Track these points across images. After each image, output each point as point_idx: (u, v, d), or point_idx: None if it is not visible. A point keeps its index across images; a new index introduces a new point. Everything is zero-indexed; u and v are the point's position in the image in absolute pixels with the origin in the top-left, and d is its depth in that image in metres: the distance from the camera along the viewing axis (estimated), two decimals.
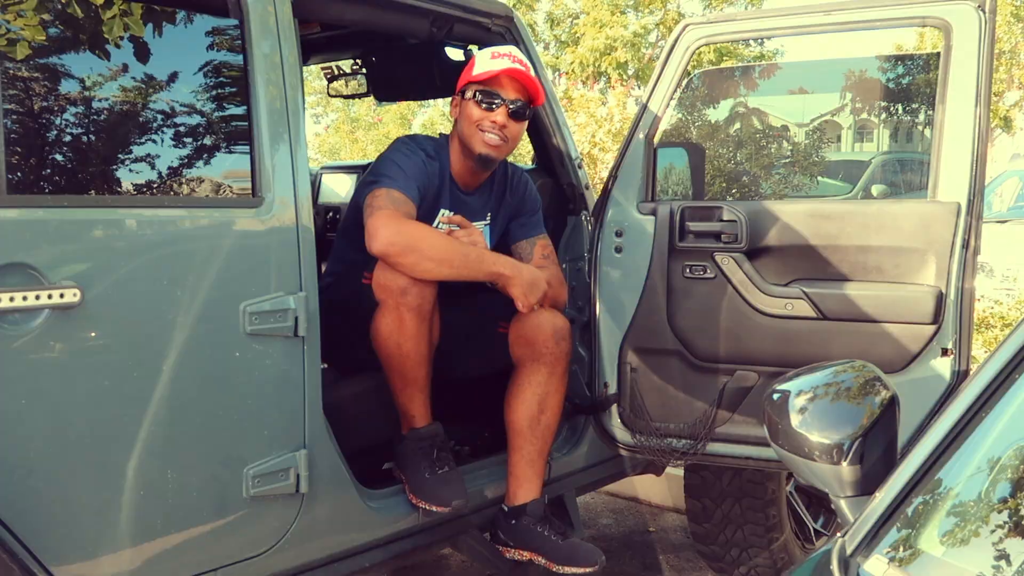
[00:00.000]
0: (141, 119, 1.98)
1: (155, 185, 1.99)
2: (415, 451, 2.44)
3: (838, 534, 1.19)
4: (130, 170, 1.96)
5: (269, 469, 2.09)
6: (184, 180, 2.05)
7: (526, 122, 2.59)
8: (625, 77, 17.53)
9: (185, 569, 2.00)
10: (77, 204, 1.83)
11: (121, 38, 1.90)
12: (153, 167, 1.99)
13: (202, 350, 1.96)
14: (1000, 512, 1.09)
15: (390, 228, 2.28)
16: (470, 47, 2.86)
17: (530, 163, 3.24)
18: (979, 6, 2.35)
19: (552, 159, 2.95)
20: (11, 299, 1.68)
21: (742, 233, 2.53)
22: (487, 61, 2.53)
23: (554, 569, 2.50)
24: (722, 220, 2.56)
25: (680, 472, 3.95)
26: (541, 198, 2.92)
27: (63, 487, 1.80)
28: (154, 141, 1.98)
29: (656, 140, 2.71)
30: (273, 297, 2.06)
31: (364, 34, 3.08)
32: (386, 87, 3.37)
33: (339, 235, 2.77)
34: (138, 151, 1.97)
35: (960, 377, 2.45)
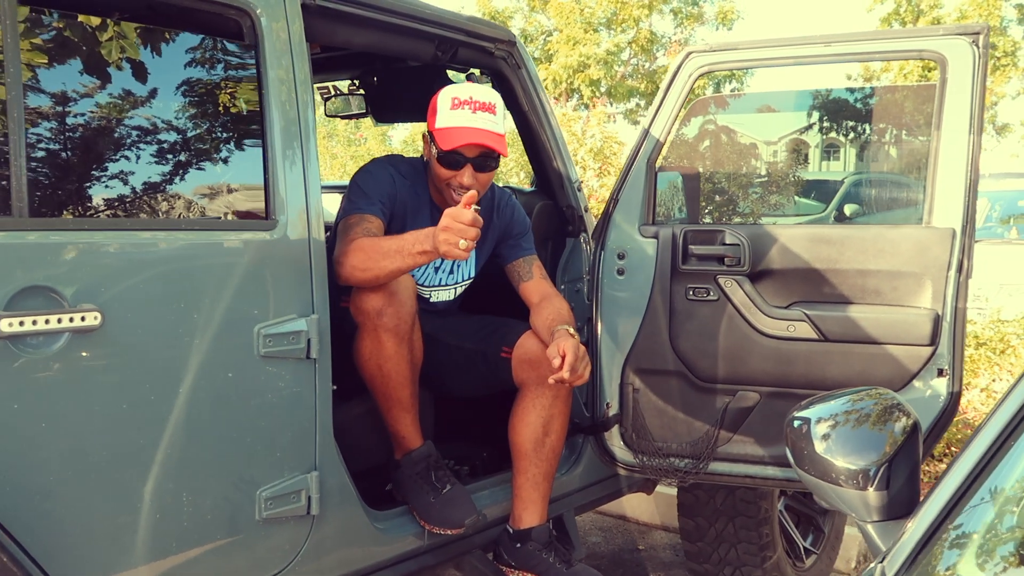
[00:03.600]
0: (158, 143, 1.98)
1: (172, 208, 2.00)
2: (413, 476, 2.45)
3: (874, 562, 1.22)
4: (148, 194, 1.96)
5: (281, 491, 2.10)
6: (200, 203, 2.06)
7: (496, 169, 2.53)
8: (598, 94, 17.69)
9: None
10: (97, 227, 1.83)
11: (140, 64, 1.91)
12: (170, 190, 2.00)
13: (217, 373, 1.97)
14: None
15: (338, 262, 2.29)
16: (472, 70, 2.89)
17: (529, 185, 3.28)
18: (973, 41, 2.43)
19: (552, 181, 2.98)
20: (34, 322, 1.68)
21: (744, 256, 2.58)
22: (448, 114, 2.45)
23: None
24: (725, 243, 2.61)
25: (668, 490, 4.00)
26: (541, 220, 2.95)
27: (80, 509, 1.79)
28: (172, 165, 1.99)
29: (657, 165, 2.75)
30: (286, 319, 2.07)
31: (364, 55, 3.10)
32: (385, 108, 3.39)
33: None
34: (156, 175, 1.97)
35: (954, 398, 2.51)
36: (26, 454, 1.71)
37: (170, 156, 2.00)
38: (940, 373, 2.49)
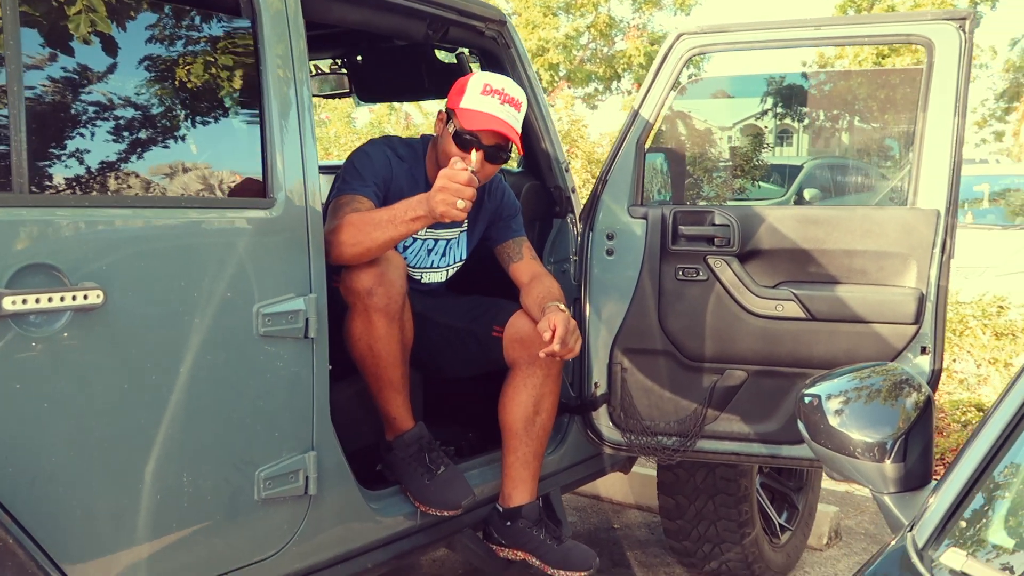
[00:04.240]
0: (158, 121, 1.95)
1: (172, 186, 1.97)
2: (406, 459, 2.44)
3: (900, 532, 1.26)
4: (148, 171, 1.93)
5: (280, 471, 2.08)
6: (199, 180, 2.02)
7: (504, 163, 2.52)
8: (557, 78, 17.70)
9: (197, 573, 1.98)
10: (98, 204, 1.79)
11: (138, 40, 1.88)
12: (170, 168, 1.96)
13: (218, 352, 1.94)
14: None
15: (328, 240, 2.21)
16: (460, 49, 2.88)
17: (516, 166, 3.28)
18: (960, 26, 2.47)
19: (540, 163, 2.98)
20: (36, 300, 1.65)
21: (734, 237, 2.61)
22: (476, 97, 2.45)
23: (548, 572, 2.53)
24: (714, 224, 2.64)
25: (642, 470, 4.04)
26: (529, 200, 2.95)
27: (81, 490, 1.76)
28: (172, 142, 1.96)
29: (647, 146, 2.77)
30: (285, 298, 2.05)
31: (349, 34, 3.07)
32: (371, 87, 3.36)
33: None
34: (155, 152, 1.94)
35: (936, 375, 2.57)
36: (28, 434, 1.67)
37: (170, 133, 1.97)
38: (923, 351, 2.55)
